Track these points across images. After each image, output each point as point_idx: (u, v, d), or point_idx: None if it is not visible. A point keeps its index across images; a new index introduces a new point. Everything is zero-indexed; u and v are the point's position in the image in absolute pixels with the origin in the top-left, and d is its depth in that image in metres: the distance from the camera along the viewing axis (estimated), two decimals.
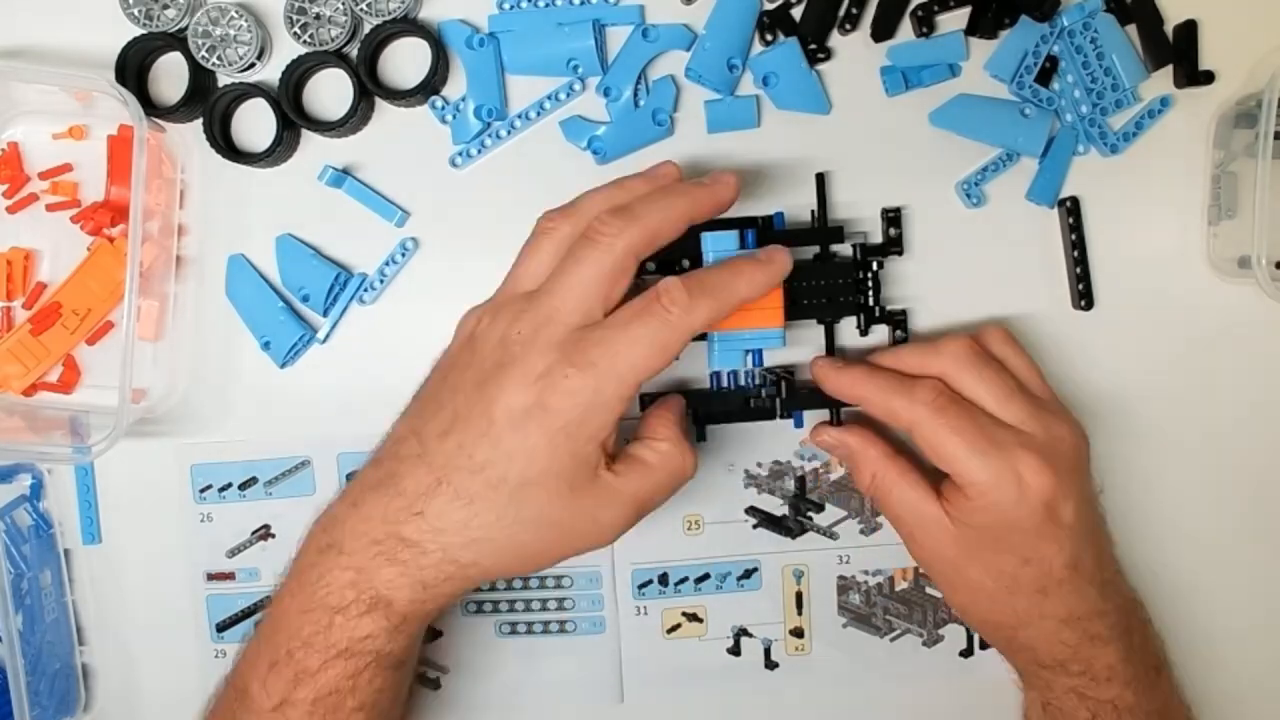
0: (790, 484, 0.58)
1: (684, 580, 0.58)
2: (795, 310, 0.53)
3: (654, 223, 0.45)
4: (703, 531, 0.58)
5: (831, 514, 0.58)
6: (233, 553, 0.58)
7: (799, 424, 0.55)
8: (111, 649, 0.59)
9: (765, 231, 0.53)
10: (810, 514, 0.58)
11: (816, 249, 0.55)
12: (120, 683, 0.59)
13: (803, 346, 0.56)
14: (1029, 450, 0.48)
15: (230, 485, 0.57)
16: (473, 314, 0.49)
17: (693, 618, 0.58)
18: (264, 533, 0.58)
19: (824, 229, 0.54)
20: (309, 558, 0.47)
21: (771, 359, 0.55)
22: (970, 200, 0.56)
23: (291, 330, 0.56)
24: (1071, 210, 0.56)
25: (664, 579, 0.58)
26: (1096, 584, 0.50)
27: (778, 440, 0.57)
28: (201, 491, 0.57)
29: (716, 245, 0.51)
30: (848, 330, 0.56)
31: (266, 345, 0.57)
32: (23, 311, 0.56)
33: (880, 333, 0.56)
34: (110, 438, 0.51)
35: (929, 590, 0.58)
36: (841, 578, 0.58)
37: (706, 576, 0.58)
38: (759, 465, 0.58)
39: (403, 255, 0.57)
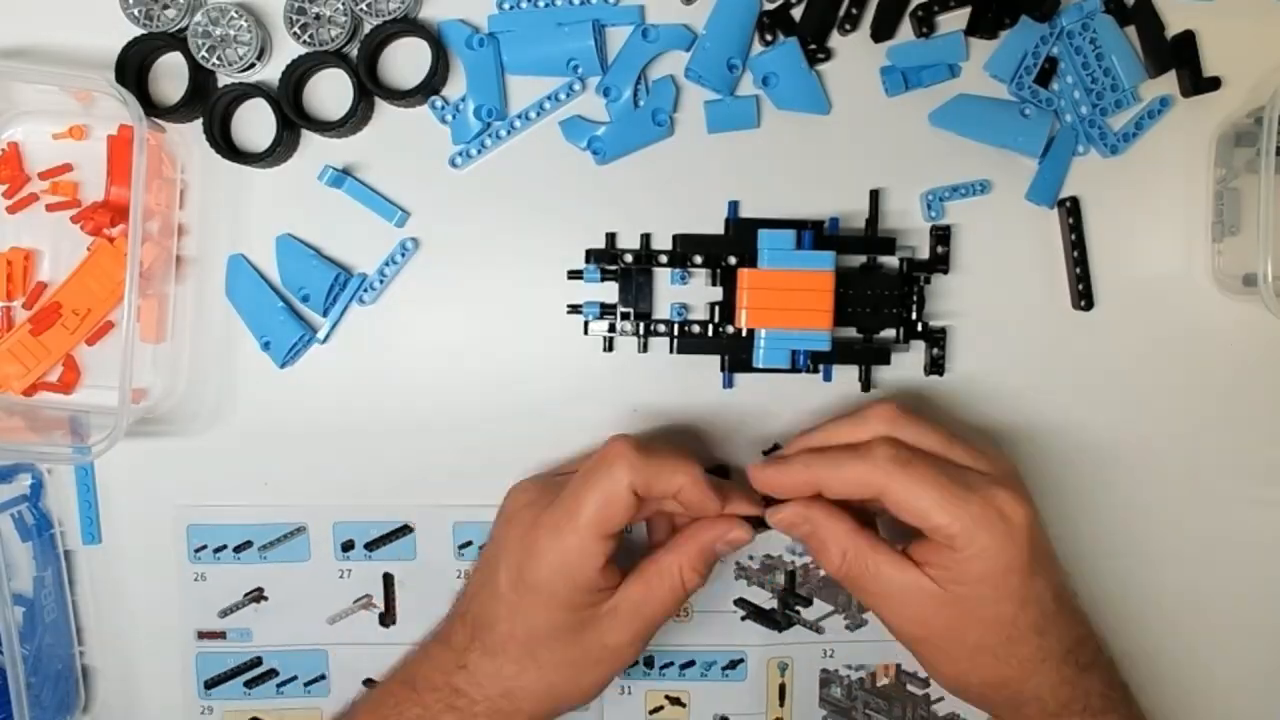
0: (780, 578, 0.58)
1: (669, 665, 0.59)
2: (840, 317, 0.54)
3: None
4: (691, 619, 0.58)
5: (819, 609, 0.58)
6: (225, 613, 0.59)
7: (828, 378, 0.56)
8: (111, 649, 0.59)
9: (819, 235, 0.54)
10: (798, 608, 0.58)
11: (864, 258, 0.55)
12: (120, 683, 0.59)
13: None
14: (1000, 486, 0.45)
15: (225, 547, 0.58)
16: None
17: (675, 701, 0.59)
18: (256, 595, 0.59)
19: (875, 239, 0.55)
20: (390, 685, 0.53)
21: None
22: (930, 213, 0.56)
23: (291, 330, 0.56)
24: (1071, 211, 0.56)
25: (649, 662, 0.58)
26: (1070, 608, 0.48)
27: (769, 536, 0.55)
28: (197, 551, 0.58)
29: (772, 243, 0.52)
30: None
31: (266, 345, 0.57)
32: (23, 311, 0.56)
33: (918, 348, 0.56)
34: (110, 438, 0.51)
35: (909, 687, 0.58)
36: (825, 671, 0.58)
37: (692, 663, 0.59)
38: (750, 558, 0.58)
39: (403, 255, 0.57)
